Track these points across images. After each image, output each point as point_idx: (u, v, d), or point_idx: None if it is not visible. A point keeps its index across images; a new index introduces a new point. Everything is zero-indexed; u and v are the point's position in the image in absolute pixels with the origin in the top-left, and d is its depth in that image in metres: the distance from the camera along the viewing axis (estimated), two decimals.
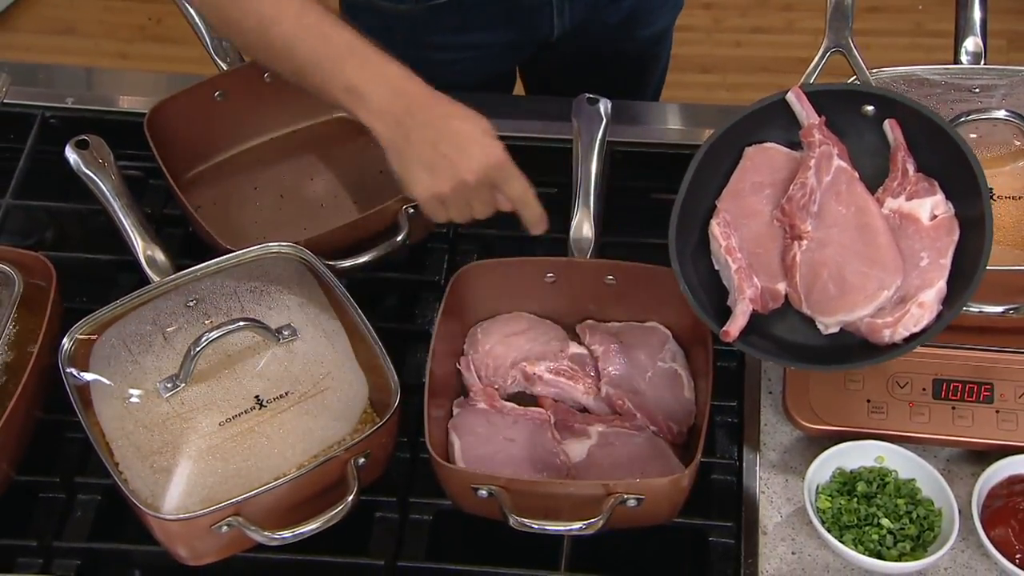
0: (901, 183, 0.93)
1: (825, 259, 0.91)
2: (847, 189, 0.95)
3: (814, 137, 0.95)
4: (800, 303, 0.92)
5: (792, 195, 0.95)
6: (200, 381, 0.99)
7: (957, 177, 0.92)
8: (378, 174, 1.26)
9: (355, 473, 0.96)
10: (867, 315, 0.89)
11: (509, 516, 0.94)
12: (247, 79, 1.24)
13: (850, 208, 0.93)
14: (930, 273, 0.90)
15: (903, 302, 0.89)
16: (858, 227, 0.92)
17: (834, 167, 0.95)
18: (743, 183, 0.97)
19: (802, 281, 0.92)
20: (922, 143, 0.94)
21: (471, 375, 1.10)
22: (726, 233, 0.94)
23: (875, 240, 0.91)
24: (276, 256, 1.08)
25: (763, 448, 1.08)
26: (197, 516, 0.92)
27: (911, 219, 0.92)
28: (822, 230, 0.93)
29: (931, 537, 0.98)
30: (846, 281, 0.90)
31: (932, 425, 1.03)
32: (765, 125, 0.98)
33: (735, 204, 0.96)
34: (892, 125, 0.95)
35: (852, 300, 0.89)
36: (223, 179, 1.26)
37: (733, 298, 0.94)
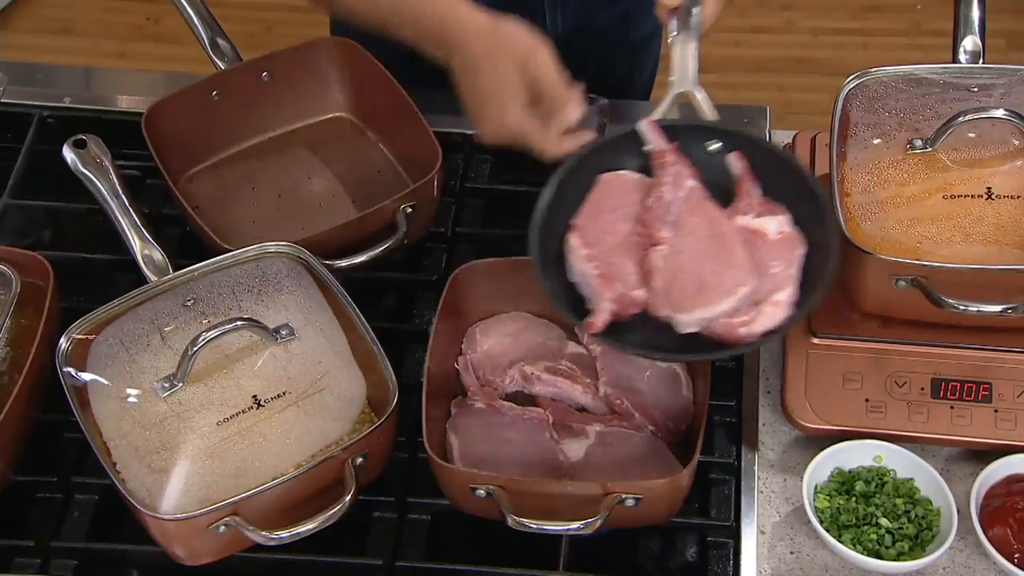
0: (748, 203, 0.97)
1: (682, 263, 0.94)
2: (700, 204, 0.98)
3: (667, 158, 0.99)
4: (659, 306, 0.93)
5: (650, 206, 0.97)
6: (198, 381, 0.99)
7: (804, 205, 0.96)
8: (376, 173, 1.27)
9: (353, 473, 0.96)
10: (724, 312, 0.91)
11: (507, 516, 0.94)
12: (245, 79, 1.24)
13: (704, 219, 0.97)
14: (780, 280, 0.93)
15: (757, 305, 0.92)
16: (712, 236, 0.95)
17: (688, 185, 0.99)
18: (598, 204, 0.99)
19: (660, 284, 0.93)
20: (768, 175, 0.99)
21: (469, 375, 1.10)
22: (585, 243, 0.96)
23: (729, 246, 0.95)
24: (274, 256, 1.07)
25: (761, 448, 1.08)
26: (195, 516, 0.92)
27: (759, 234, 0.96)
28: (679, 237, 0.96)
29: (929, 536, 0.98)
30: (704, 281, 0.93)
31: (931, 425, 1.03)
32: (620, 154, 1.02)
33: (592, 222, 0.98)
34: (736, 156, 1.00)
35: (710, 296, 0.91)
36: (221, 178, 1.26)
37: (594, 303, 0.95)
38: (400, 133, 1.24)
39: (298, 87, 1.27)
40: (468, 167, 1.29)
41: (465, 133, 1.30)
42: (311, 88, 1.28)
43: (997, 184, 1.03)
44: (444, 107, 1.29)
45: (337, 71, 1.27)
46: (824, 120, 1.13)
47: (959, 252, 1.01)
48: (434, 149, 1.16)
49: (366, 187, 1.24)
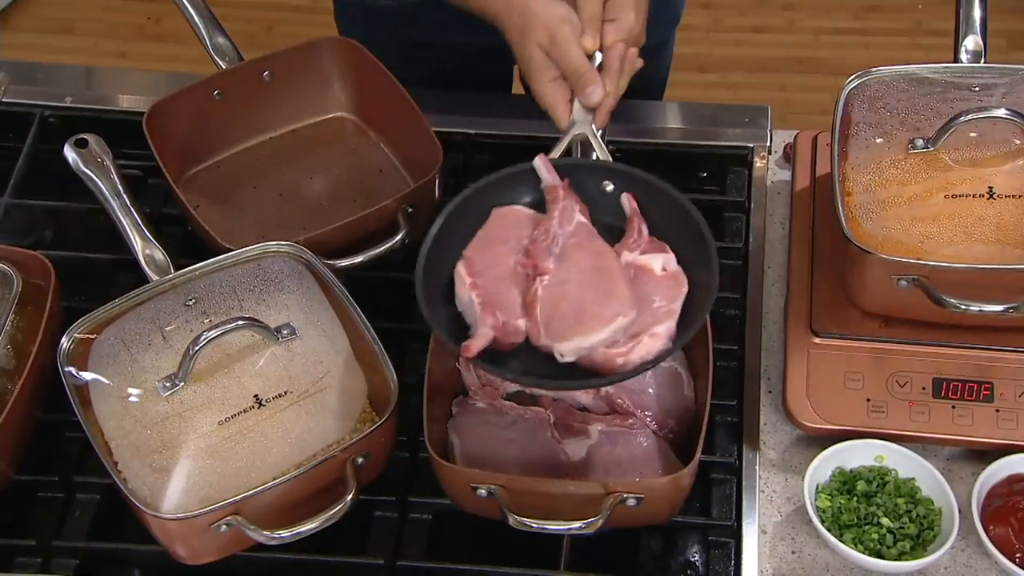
0: (636, 241, 0.99)
1: (565, 293, 0.95)
2: (587, 239, 0.99)
3: (558, 194, 1.01)
4: (539, 335, 0.94)
5: (536, 238, 0.99)
6: (199, 380, 0.99)
7: (692, 246, 0.98)
8: (377, 173, 1.27)
9: (354, 472, 0.96)
10: (602, 341, 0.92)
11: (509, 515, 0.94)
12: (246, 78, 1.24)
13: (590, 252, 0.98)
14: (661, 314, 0.95)
15: (635, 336, 0.93)
16: (596, 268, 0.97)
17: (576, 220, 1.00)
18: (489, 237, 1.01)
19: (542, 314, 0.94)
20: (660, 215, 1.01)
21: (470, 374, 1.09)
22: (471, 272, 0.98)
23: (612, 279, 0.96)
24: (275, 255, 1.07)
25: (763, 447, 1.08)
26: (196, 515, 0.92)
27: (644, 270, 0.97)
28: (563, 269, 0.97)
29: (931, 536, 0.98)
30: (584, 310, 0.94)
31: (932, 424, 1.03)
32: (513, 188, 1.03)
33: (481, 254, 1.00)
34: (628, 198, 1.02)
35: (589, 325, 0.92)
36: (222, 178, 1.26)
37: (475, 329, 0.96)
38: (401, 133, 1.24)
39: (299, 87, 1.27)
40: (469, 167, 1.29)
41: (466, 132, 1.31)
42: (312, 88, 1.28)
43: (999, 184, 1.03)
44: (445, 107, 1.30)
45: (338, 71, 1.27)
46: (825, 120, 1.13)
47: (961, 252, 1.01)
48: (435, 149, 1.16)
49: (367, 187, 1.24)
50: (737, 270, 1.19)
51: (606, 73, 1.04)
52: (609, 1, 1.04)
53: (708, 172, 1.30)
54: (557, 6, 1.04)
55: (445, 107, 1.30)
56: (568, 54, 1.02)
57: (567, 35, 1.02)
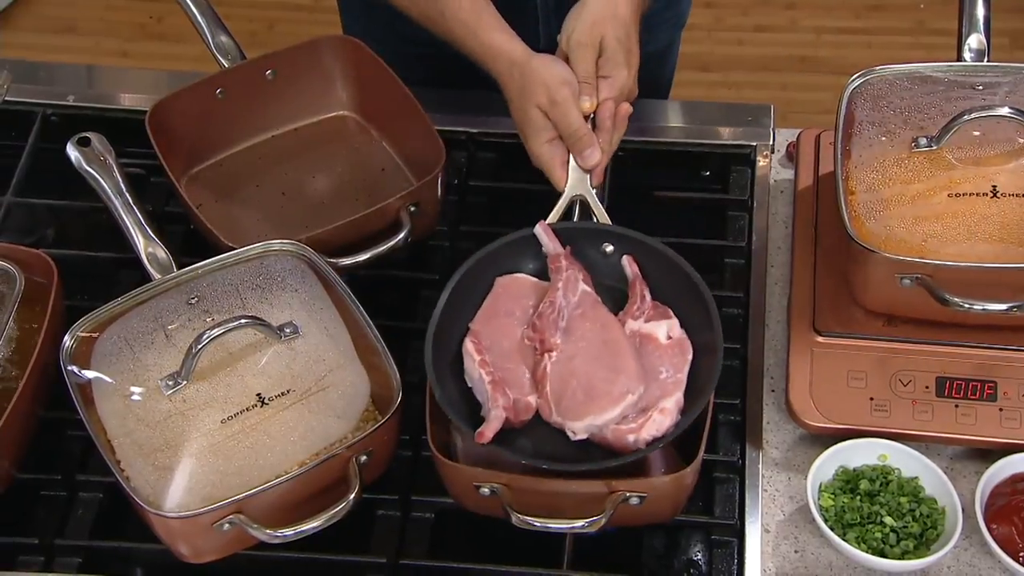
0: (640, 307, 1.00)
1: (573, 369, 0.96)
2: (592, 310, 1.01)
3: (561, 263, 1.02)
4: (550, 413, 0.95)
5: (542, 312, 1.00)
6: (202, 379, 0.99)
7: (694, 307, 0.99)
8: (380, 172, 1.26)
9: (357, 471, 0.96)
10: (614, 418, 0.93)
11: (512, 514, 0.94)
12: (248, 77, 1.24)
13: (595, 324, 0.99)
14: (668, 385, 0.96)
15: (645, 411, 0.94)
16: (603, 342, 0.98)
17: (580, 290, 1.01)
18: (494, 308, 1.02)
19: (552, 391, 0.96)
20: (658, 275, 1.02)
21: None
22: (479, 349, 0.98)
23: (619, 352, 0.97)
24: (278, 254, 1.07)
25: (766, 446, 1.08)
26: (199, 514, 0.92)
27: (650, 339, 0.98)
28: (570, 344, 0.98)
29: (934, 535, 0.98)
30: (594, 388, 0.95)
31: (935, 423, 1.03)
32: (516, 256, 1.05)
33: (487, 326, 1.01)
34: (629, 260, 1.03)
35: (599, 404, 0.94)
36: (224, 177, 1.25)
37: (486, 408, 0.97)
38: (404, 131, 1.23)
39: (302, 85, 1.27)
40: (472, 165, 1.29)
41: (469, 131, 1.30)
42: (315, 86, 1.28)
43: (1002, 182, 1.03)
44: (448, 105, 1.30)
45: (341, 69, 1.27)
46: (827, 119, 1.13)
47: (964, 250, 1.00)
48: (438, 147, 1.16)
49: (370, 185, 1.24)
50: (740, 269, 1.18)
51: (599, 132, 1.06)
52: (601, 58, 1.06)
53: (711, 171, 1.29)
54: (557, 66, 1.05)
55: (448, 106, 1.30)
56: (567, 116, 1.03)
57: (566, 96, 1.03)
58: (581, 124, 1.04)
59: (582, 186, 1.06)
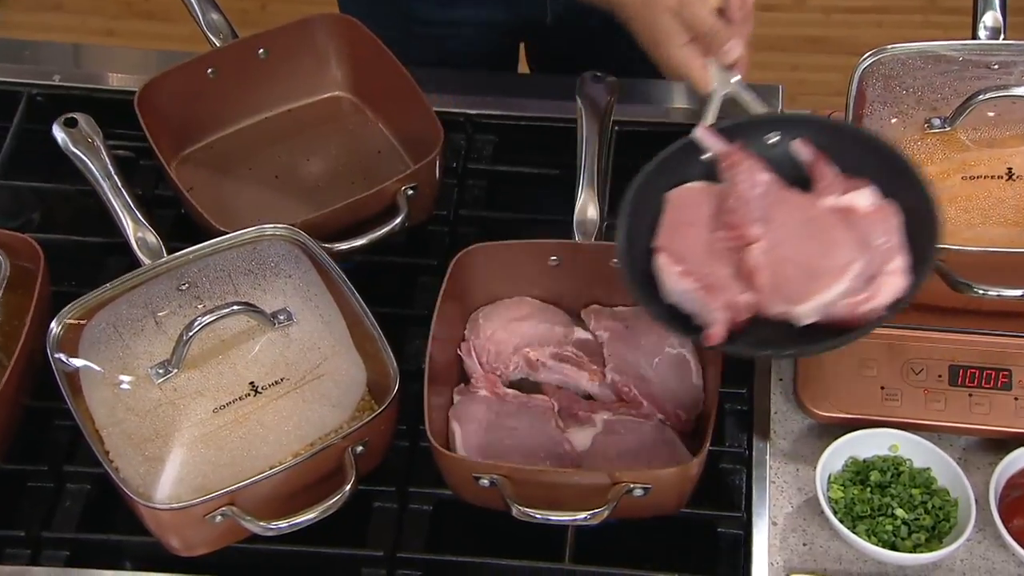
0: (830, 183, 0.96)
1: (783, 255, 0.93)
2: (782, 195, 0.97)
3: (735, 157, 0.99)
4: (770, 305, 0.93)
5: (732, 207, 0.96)
6: (193, 367, 0.99)
7: (884, 171, 0.95)
8: (376, 154, 1.26)
9: (353, 462, 0.96)
10: (842, 292, 0.90)
11: (512, 506, 0.94)
12: (240, 56, 1.23)
13: (791, 206, 0.95)
14: (888, 250, 0.92)
15: (872, 279, 0.90)
16: (806, 220, 0.94)
17: (764, 178, 0.98)
18: (675, 222, 0.99)
19: (767, 282, 0.93)
20: (839, 152, 0.98)
21: (472, 361, 1.09)
22: (676, 261, 0.96)
23: (827, 226, 0.93)
24: (271, 238, 1.07)
25: (773, 436, 1.08)
26: (190, 505, 0.92)
27: (850, 211, 0.94)
28: (771, 232, 0.94)
29: (947, 528, 0.98)
30: (812, 266, 0.91)
31: (948, 413, 1.03)
32: (676, 170, 1.02)
33: (673, 240, 0.98)
34: (801, 143, 1.00)
35: (824, 281, 0.90)
36: (216, 159, 1.25)
37: (703, 315, 0.94)
38: (400, 112, 1.23)
39: (295, 65, 1.27)
40: (471, 147, 1.29)
41: (468, 113, 1.30)
42: (309, 66, 1.27)
43: (1018, 164, 1.03)
44: (446, 86, 1.29)
45: (335, 49, 1.26)
46: (838, 100, 1.13)
47: (979, 234, 1.00)
48: (436, 129, 1.15)
49: (365, 168, 1.24)
50: None
51: (732, 26, 1.04)
52: None
53: None
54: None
55: (446, 86, 1.29)
56: (700, 14, 1.02)
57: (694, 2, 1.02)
58: (715, 20, 1.02)
59: (727, 84, 1.04)
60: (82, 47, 1.41)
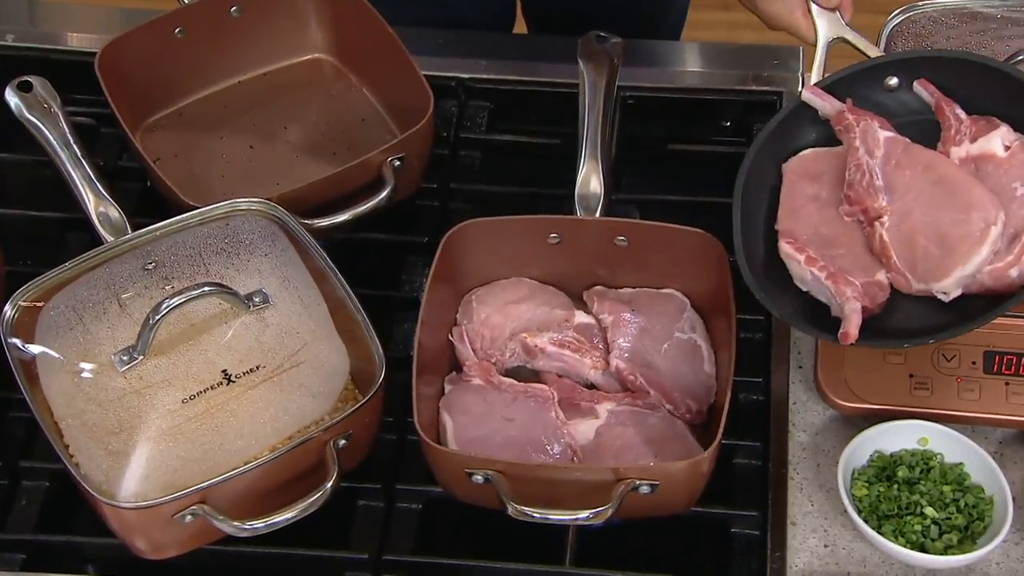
0: (958, 130, 0.94)
1: (915, 226, 0.92)
2: (906, 155, 0.95)
3: (848, 119, 0.97)
4: (908, 283, 0.92)
5: (851, 180, 0.95)
6: (160, 354, 0.98)
7: (1017, 105, 0.93)
8: (360, 122, 1.26)
9: (335, 456, 0.96)
10: (985, 259, 0.88)
11: (508, 504, 0.93)
12: (211, 14, 1.23)
13: (917, 169, 0.94)
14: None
15: (1017, 237, 0.89)
16: (935, 182, 0.92)
17: (882, 139, 0.96)
18: (795, 198, 0.98)
19: (901, 259, 0.92)
20: (963, 89, 0.96)
21: (465, 347, 1.09)
22: (799, 247, 0.95)
23: (958, 186, 0.91)
24: (246, 214, 1.06)
25: (792, 429, 1.07)
26: (157, 504, 0.91)
27: (986, 158, 0.92)
28: (898, 201, 0.93)
29: (981, 528, 0.97)
30: (947, 235, 0.90)
31: (983, 403, 1.02)
32: (791, 135, 1.01)
33: (796, 220, 0.97)
34: (923, 84, 0.98)
35: (962, 251, 0.89)
36: (185, 127, 1.25)
37: (837, 306, 0.94)
38: (387, 77, 1.22)
39: (272, 24, 1.26)
40: (463, 115, 1.28)
41: (460, 77, 1.29)
42: (287, 26, 1.27)
43: None
44: (437, 48, 1.30)
45: (316, 6, 1.26)
46: None
47: None
48: (425, 95, 1.15)
49: (349, 137, 1.23)
50: None
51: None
52: None
53: (731, 121, 1.28)
54: None
55: (437, 48, 1.30)
56: None
57: None
58: None
59: (836, 27, 1.03)
60: (38, 3, 1.40)
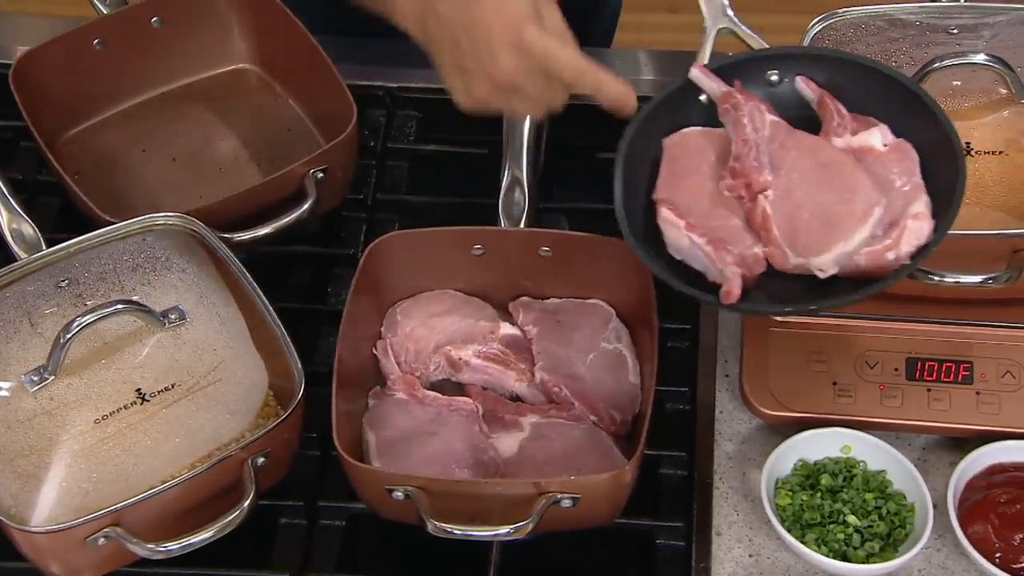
0: (839, 122, 0.95)
1: (798, 202, 0.92)
2: (790, 137, 0.96)
3: (736, 99, 0.97)
4: (786, 258, 0.92)
5: (738, 153, 0.95)
6: (72, 373, 0.97)
7: (898, 109, 0.95)
8: (285, 132, 1.25)
9: (252, 475, 0.95)
10: (864, 240, 0.89)
11: (427, 521, 0.93)
12: (132, 25, 1.22)
13: (801, 150, 0.94)
14: (909, 191, 0.91)
15: (894, 224, 0.90)
16: (819, 164, 0.93)
17: (768, 120, 0.97)
18: (675, 171, 0.98)
19: (781, 232, 0.92)
20: (845, 88, 0.97)
21: (389, 361, 1.08)
22: (680, 214, 0.95)
23: (843, 169, 0.92)
24: (163, 228, 1.05)
25: (718, 438, 1.07)
26: (68, 528, 0.90)
27: (865, 151, 0.93)
28: (781, 178, 0.94)
29: (902, 535, 0.98)
30: (830, 213, 0.91)
31: (905, 409, 1.03)
32: (676, 112, 1.01)
33: (676, 191, 0.97)
34: (804, 81, 0.99)
35: (844, 228, 0.89)
36: (107, 140, 1.24)
37: (716, 271, 0.94)
38: (311, 87, 1.22)
39: (194, 35, 1.25)
40: (391, 124, 1.28)
41: (387, 86, 1.29)
42: (210, 36, 1.26)
43: (977, 139, 1.03)
44: (363, 56, 1.28)
45: (239, 16, 1.26)
46: None
47: None
48: (348, 105, 1.14)
49: (274, 148, 1.23)
50: None
51: None
52: None
53: None
54: None
55: (365, 57, 1.28)
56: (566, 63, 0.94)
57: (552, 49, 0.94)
58: None
59: (721, 16, 1.03)
60: None
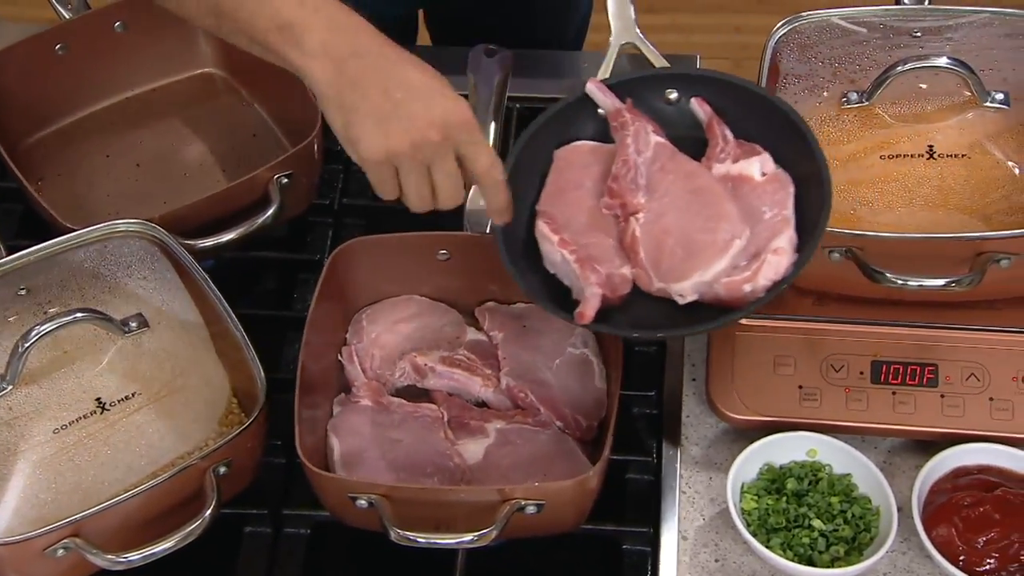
0: (723, 148, 0.97)
1: (666, 227, 0.94)
2: (671, 161, 0.98)
3: (624, 118, 0.99)
4: (650, 280, 0.94)
5: (617, 173, 0.97)
6: (31, 382, 0.98)
7: (781, 136, 0.96)
8: (251, 137, 1.25)
9: (214, 483, 0.95)
10: (723, 270, 0.91)
11: (390, 529, 0.93)
12: (94, 29, 1.22)
13: (679, 175, 0.97)
14: (776, 224, 0.93)
15: (756, 256, 0.92)
16: (692, 191, 0.95)
17: (652, 142, 0.99)
18: (560, 183, 0.99)
19: (647, 256, 0.94)
20: (736, 112, 0.99)
21: (355, 367, 1.08)
22: (555, 229, 0.96)
23: (712, 198, 0.95)
24: (124, 235, 1.05)
25: (684, 442, 1.08)
26: (27, 538, 0.90)
27: (743, 179, 0.95)
28: (655, 201, 0.96)
29: (867, 539, 0.99)
30: (693, 241, 0.93)
31: (871, 413, 1.04)
32: (571, 124, 1.02)
33: (557, 204, 0.98)
34: (699, 102, 1.00)
35: (704, 257, 0.92)
36: (70, 146, 1.24)
37: (578, 290, 0.95)
38: (277, 92, 1.22)
39: (159, 39, 1.25)
40: None
41: None
42: (174, 40, 1.26)
43: (939, 141, 1.03)
44: None
45: None
46: None
47: (899, 218, 1.01)
48: (313, 110, 1.13)
49: (240, 154, 1.23)
50: None
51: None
52: None
53: None
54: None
55: None
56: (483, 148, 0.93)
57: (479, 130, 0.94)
58: None
59: (629, 32, 1.04)
60: None
